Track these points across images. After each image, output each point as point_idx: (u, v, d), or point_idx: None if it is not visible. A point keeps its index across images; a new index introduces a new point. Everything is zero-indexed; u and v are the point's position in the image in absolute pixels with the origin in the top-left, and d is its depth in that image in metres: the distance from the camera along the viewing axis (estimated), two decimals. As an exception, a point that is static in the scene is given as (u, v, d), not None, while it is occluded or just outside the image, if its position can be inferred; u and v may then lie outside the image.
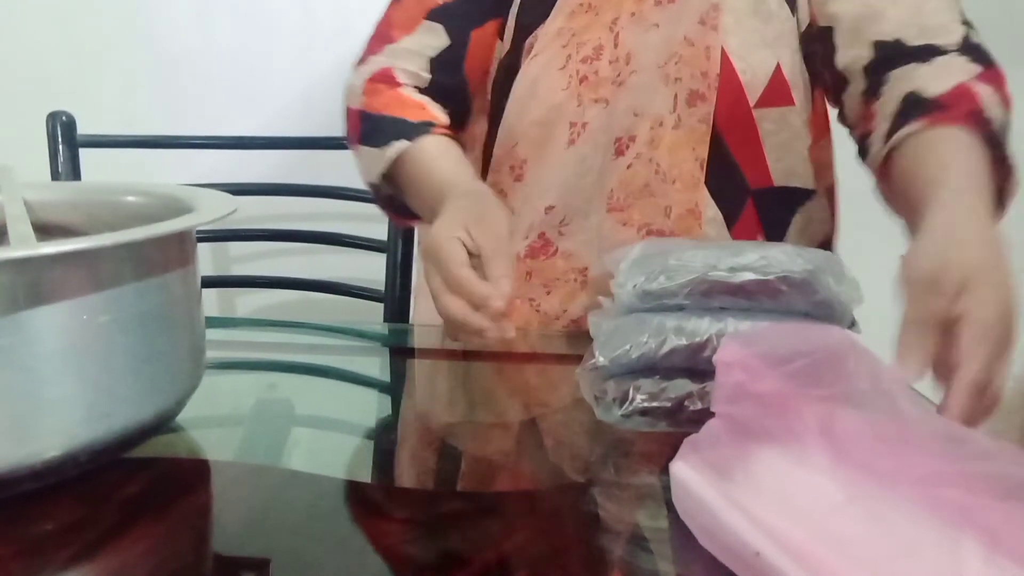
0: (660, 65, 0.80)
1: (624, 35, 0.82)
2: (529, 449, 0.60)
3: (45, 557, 0.44)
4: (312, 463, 0.56)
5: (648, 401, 0.61)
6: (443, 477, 0.56)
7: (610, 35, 0.82)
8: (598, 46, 0.82)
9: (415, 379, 0.79)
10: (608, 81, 0.82)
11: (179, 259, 0.54)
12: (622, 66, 0.82)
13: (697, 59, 0.79)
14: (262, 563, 0.45)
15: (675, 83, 0.80)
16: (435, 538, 0.48)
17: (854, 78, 0.79)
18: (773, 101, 0.81)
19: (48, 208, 0.65)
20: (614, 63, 0.82)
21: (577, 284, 0.85)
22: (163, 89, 1.46)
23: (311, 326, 0.92)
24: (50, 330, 0.46)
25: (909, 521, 0.40)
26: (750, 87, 0.80)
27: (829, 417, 0.46)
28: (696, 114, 0.80)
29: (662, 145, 0.81)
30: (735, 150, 0.82)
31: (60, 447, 0.48)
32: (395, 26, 0.89)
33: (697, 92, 0.80)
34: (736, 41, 0.79)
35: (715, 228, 0.82)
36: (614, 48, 0.82)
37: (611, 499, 0.52)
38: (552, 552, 0.46)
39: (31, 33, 1.43)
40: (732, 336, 0.57)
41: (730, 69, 0.79)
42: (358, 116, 0.86)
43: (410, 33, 0.88)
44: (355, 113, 0.87)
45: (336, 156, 1.26)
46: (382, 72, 0.87)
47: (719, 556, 0.42)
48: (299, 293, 1.31)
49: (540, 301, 0.85)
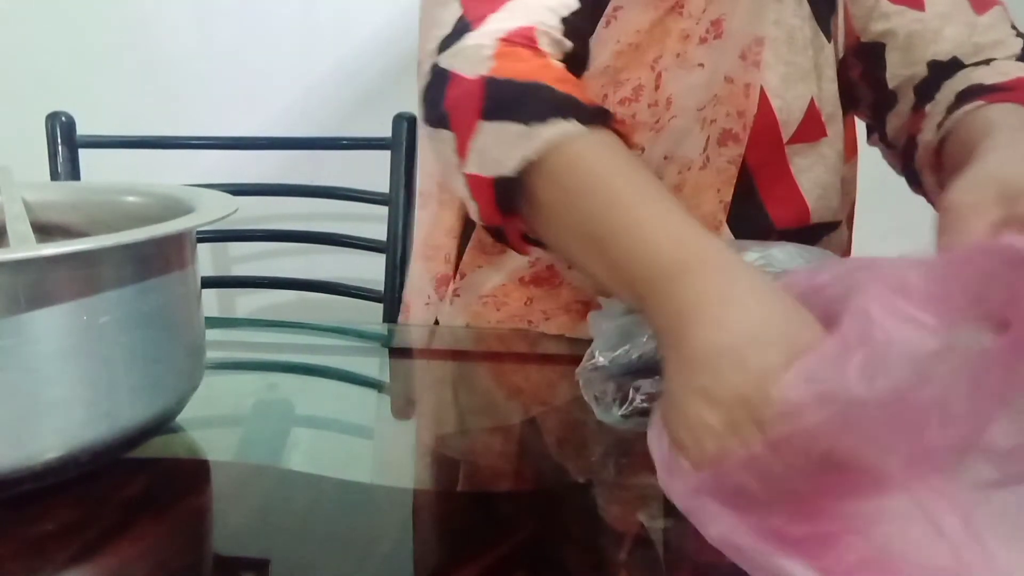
0: (699, 108, 0.74)
1: (666, 76, 0.73)
2: (529, 449, 0.60)
3: (45, 557, 0.44)
4: (312, 463, 0.56)
5: (648, 401, 0.61)
6: (443, 477, 0.56)
7: (651, 75, 0.73)
8: (637, 87, 0.74)
9: (415, 379, 0.79)
10: (646, 127, 0.74)
11: (179, 260, 0.54)
12: (662, 111, 0.74)
13: (735, 98, 0.73)
14: (262, 563, 0.45)
15: (710, 125, 0.74)
16: (435, 538, 0.48)
17: (904, 96, 0.75)
18: (805, 137, 0.76)
19: (48, 208, 0.65)
20: (653, 107, 0.74)
21: (577, 315, 0.80)
22: (163, 89, 1.46)
23: (311, 326, 0.92)
24: (50, 331, 0.46)
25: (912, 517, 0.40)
26: (785, 125, 0.75)
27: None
28: (726, 154, 0.74)
29: (686, 187, 0.75)
30: (763, 190, 0.77)
31: (60, 448, 0.48)
32: None
33: (730, 132, 0.74)
34: (775, 77, 0.74)
35: None
36: (654, 91, 0.74)
37: (611, 499, 0.52)
38: (552, 552, 0.46)
39: (31, 33, 1.43)
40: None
41: (767, 107, 0.74)
42: (481, 84, 0.58)
43: None
44: (475, 82, 0.59)
45: (336, 156, 1.26)
46: (520, 31, 0.62)
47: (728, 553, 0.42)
48: (299, 293, 1.31)
49: (538, 325, 0.81)
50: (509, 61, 0.59)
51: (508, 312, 0.82)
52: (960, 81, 0.71)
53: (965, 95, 0.69)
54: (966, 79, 0.71)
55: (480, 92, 0.58)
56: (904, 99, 0.76)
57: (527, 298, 0.81)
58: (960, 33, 0.73)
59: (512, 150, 0.55)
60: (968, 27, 0.73)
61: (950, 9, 0.74)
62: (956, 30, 0.73)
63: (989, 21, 0.73)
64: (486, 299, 0.82)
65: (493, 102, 0.57)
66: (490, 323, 0.82)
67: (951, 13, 0.73)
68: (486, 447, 0.61)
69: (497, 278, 0.82)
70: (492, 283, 0.82)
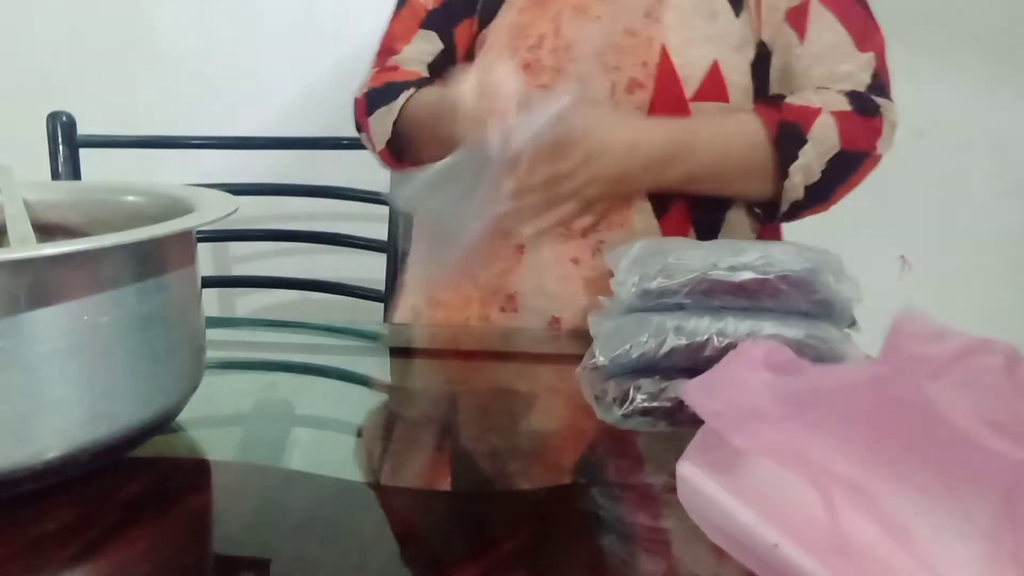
0: (599, 55, 0.83)
1: (565, 26, 0.85)
2: (529, 449, 0.60)
3: (45, 557, 0.44)
4: (312, 463, 0.56)
5: (648, 401, 0.61)
6: (443, 477, 0.56)
7: (552, 26, 0.86)
8: (541, 36, 0.86)
9: (415, 379, 0.79)
10: (550, 68, 0.85)
11: (179, 259, 0.54)
12: (562, 55, 0.85)
13: (638, 49, 0.82)
14: (262, 563, 0.45)
15: (613, 71, 0.83)
16: (435, 538, 0.48)
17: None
18: (709, 96, 0.83)
19: (48, 208, 0.65)
20: (554, 52, 0.85)
21: (513, 260, 0.86)
22: (163, 89, 1.46)
23: (311, 326, 0.92)
24: (50, 331, 0.46)
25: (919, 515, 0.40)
26: (687, 80, 0.82)
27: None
28: (634, 101, 0.82)
29: None
30: None
31: (61, 447, 0.48)
32: (396, 39, 0.95)
33: (636, 80, 0.82)
34: (677, 37, 0.82)
35: (644, 219, 0.83)
36: (555, 38, 0.85)
37: (611, 499, 0.52)
38: (552, 552, 0.46)
39: (32, 33, 1.43)
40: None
41: (668, 61, 0.82)
42: (365, 97, 0.92)
43: (409, 43, 0.94)
44: (362, 98, 0.93)
45: (336, 156, 1.26)
46: (388, 66, 0.94)
47: (733, 553, 0.43)
48: (299, 293, 1.32)
49: (478, 275, 0.87)
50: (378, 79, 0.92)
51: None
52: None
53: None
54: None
55: (365, 103, 0.92)
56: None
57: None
58: (822, 74, 0.83)
59: (385, 123, 0.89)
60: (831, 68, 0.83)
61: (825, 50, 0.84)
62: (821, 71, 0.83)
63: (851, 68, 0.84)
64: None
65: (372, 102, 0.91)
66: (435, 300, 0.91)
67: (824, 55, 0.83)
68: (486, 447, 0.61)
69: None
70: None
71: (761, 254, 0.65)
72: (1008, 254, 1.59)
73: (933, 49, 1.49)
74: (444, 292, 0.89)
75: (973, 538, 0.37)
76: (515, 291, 0.85)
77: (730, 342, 0.62)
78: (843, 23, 0.84)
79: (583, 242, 0.83)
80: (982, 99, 1.53)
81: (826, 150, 0.80)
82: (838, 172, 0.81)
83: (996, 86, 1.52)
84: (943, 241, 1.56)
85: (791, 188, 0.81)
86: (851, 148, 0.80)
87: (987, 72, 1.52)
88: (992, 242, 1.57)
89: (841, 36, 0.84)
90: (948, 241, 1.56)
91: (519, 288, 0.85)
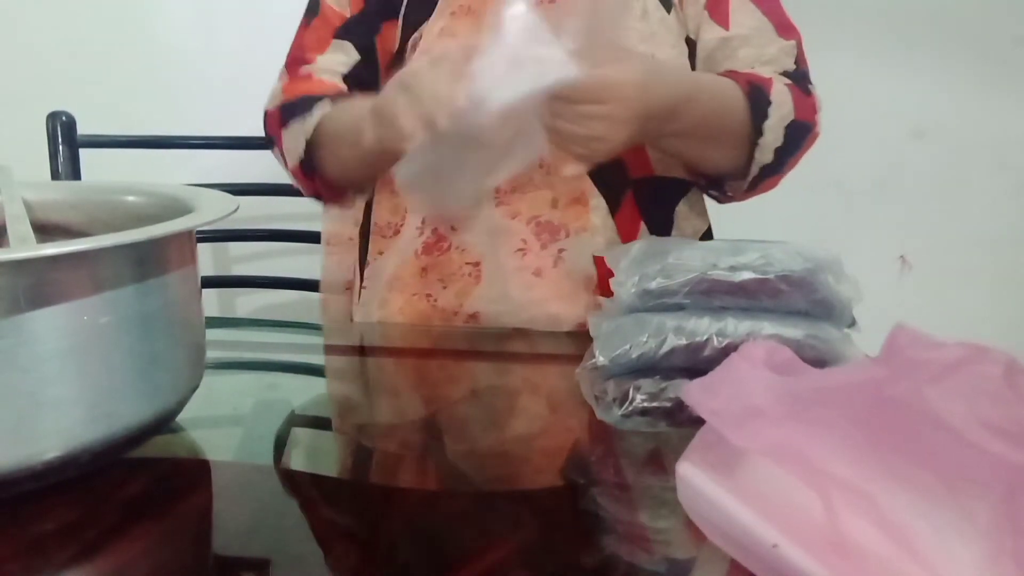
0: None
1: None
2: (529, 449, 0.60)
3: (45, 557, 0.44)
4: (312, 463, 0.56)
5: (648, 401, 0.61)
6: (443, 477, 0.56)
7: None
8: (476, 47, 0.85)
9: (415, 379, 0.79)
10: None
11: (179, 259, 0.54)
12: None
13: None
14: (262, 563, 0.45)
15: None
16: (435, 538, 0.48)
17: None
18: None
19: (48, 208, 0.65)
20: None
21: (471, 278, 0.85)
22: (163, 89, 1.45)
23: (311, 326, 0.92)
24: (50, 331, 0.46)
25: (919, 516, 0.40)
26: None
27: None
28: None
29: None
30: None
31: (60, 447, 0.48)
32: (308, 48, 0.92)
33: None
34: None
35: (600, 216, 0.84)
36: None
37: (611, 499, 0.52)
38: (552, 552, 0.46)
39: (31, 33, 1.43)
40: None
41: None
42: (278, 110, 0.89)
43: (322, 53, 0.92)
44: (274, 110, 0.90)
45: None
46: (301, 75, 0.91)
47: (732, 553, 0.43)
48: (299, 293, 1.31)
49: (437, 296, 0.86)
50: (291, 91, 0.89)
51: (409, 291, 0.87)
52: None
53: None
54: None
55: (278, 115, 0.89)
56: None
57: (421, 268, 0.87)
58: (750, 55, 0.85)
59: (299, 139, 0.86)
60: (758, 49, 0.85)
61: (751, 32, 0.85)
62: (748, 52, 0.85)
63: (776, 52, 0.85)
64: (391, 282, 0.88)
65: (285, 115, 0.88)
66: (398, 307, 0.88)
67: (751, 36, 0.85)
68: (486, 447, 0.61)
69: (395, 259, 0.88)
70: (392, 264, 0.88)
71: (761, 254, 0.65)
72: (1008, 254, 1.59)
73: (934, 49, 1.49)
74: (404, 311, 0.88)
75: (973, 539, 0.37)
76: (476, 311, 0.85)
77: (730, 342, 0.62)
78: (763, 11, 0.86)
79: (543, 253, 0.84)
80: (982, 99, 1.53)
81: (784, 115, 0.80)
82: (792, 141, 0.81)
83: (996, 86, 1.53)
84: (943, 241, 1.56)
85: (764, 148, 0.81)
86: (801, 119, 0.81)
87: (987, 72, 1.52)
88: (992, 242, 1.57)
89: (763, 22, 0.85)
90: (948, 241, 1.56)
91: (479, 308, 0.85)
